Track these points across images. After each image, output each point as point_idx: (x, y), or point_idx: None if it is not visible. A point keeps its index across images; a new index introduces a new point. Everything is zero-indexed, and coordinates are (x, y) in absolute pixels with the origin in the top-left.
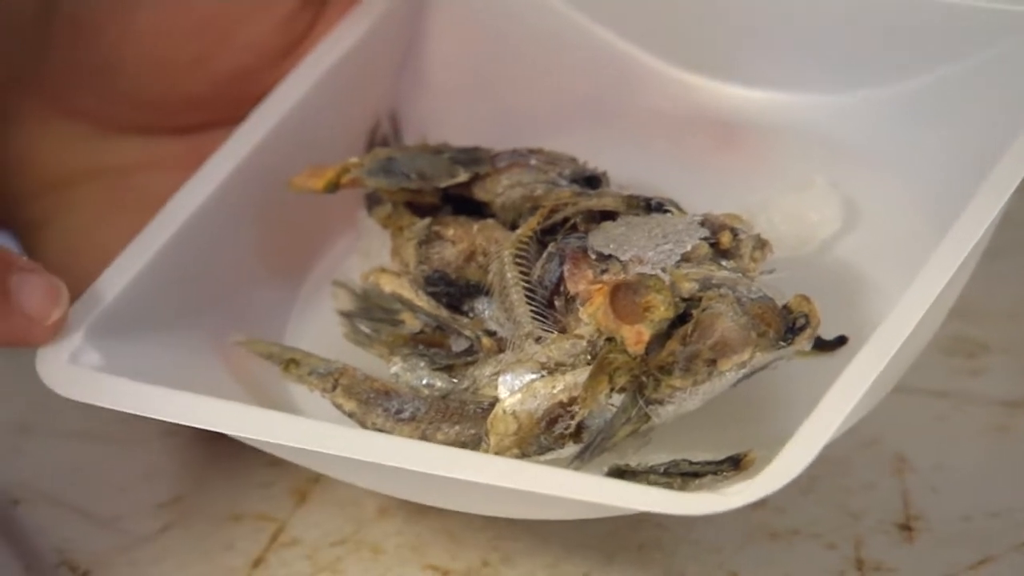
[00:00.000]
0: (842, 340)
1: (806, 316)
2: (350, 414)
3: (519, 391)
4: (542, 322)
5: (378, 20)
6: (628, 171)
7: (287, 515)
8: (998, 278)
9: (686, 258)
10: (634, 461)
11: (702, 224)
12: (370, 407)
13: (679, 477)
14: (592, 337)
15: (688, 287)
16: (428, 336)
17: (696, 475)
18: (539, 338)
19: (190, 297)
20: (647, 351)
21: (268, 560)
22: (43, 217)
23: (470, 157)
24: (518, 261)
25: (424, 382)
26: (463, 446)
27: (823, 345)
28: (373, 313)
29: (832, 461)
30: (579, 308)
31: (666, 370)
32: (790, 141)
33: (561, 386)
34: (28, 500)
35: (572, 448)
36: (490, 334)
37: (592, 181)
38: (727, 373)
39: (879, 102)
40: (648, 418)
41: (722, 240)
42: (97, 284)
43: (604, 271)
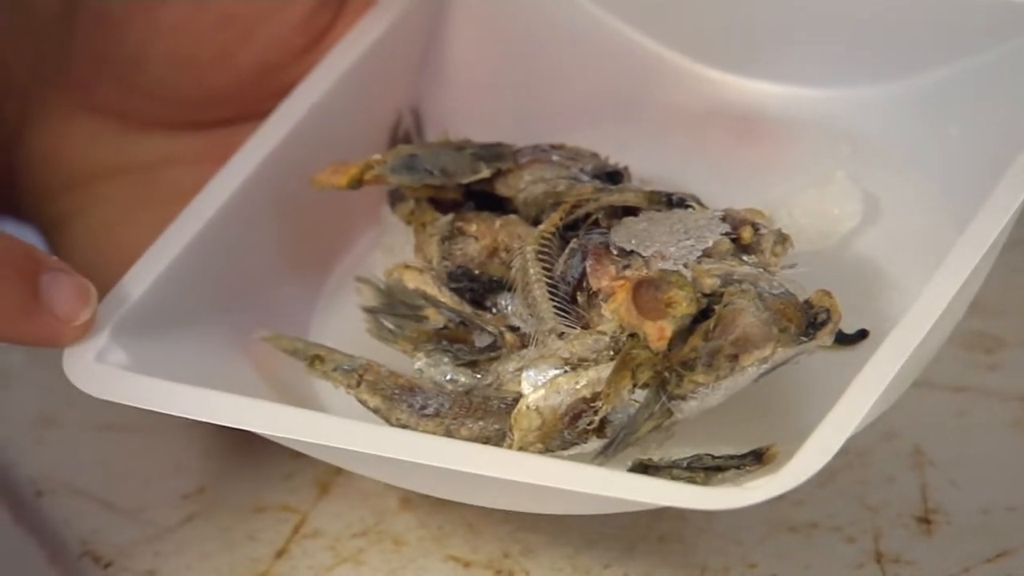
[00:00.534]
0: (863, 334)
1: (827, 311)
2: (375, 410)
3: (542, 387)
4: (565, 318)
5: (399, 15)
6: (649, 166)
7: (309, 507)
8: (1016, 272)
9: (707, 253)
10: (657, 456)
11: (723, 219)
12: (394, 403)
13: (702, 471)
14: (615, 333)
15: (710, 283)
16: (451, 332)
17: (719, 469)
18: (562, 334)
19: (215, 294)
20: (669, 347)
21: (291, 551)
22: (68, 213)
23: (492, 153)
24: (540, 257)
25: (448, 378)
26: (487, 441)
27: (844, 339)
28: (397, 309)
29: (851, 454)
30: (601, 304)
31: (688, 366)
32: (810, 136)
33: (584, 382)
34: (52, 491)
35: (595, 443)
36: (513, 330)
37: (614, 176)
38: (749, 368)
39: (899, 96)
40: (671, 413)
41: (743, 235)
42: (123, 282)
43: (626, 267)
